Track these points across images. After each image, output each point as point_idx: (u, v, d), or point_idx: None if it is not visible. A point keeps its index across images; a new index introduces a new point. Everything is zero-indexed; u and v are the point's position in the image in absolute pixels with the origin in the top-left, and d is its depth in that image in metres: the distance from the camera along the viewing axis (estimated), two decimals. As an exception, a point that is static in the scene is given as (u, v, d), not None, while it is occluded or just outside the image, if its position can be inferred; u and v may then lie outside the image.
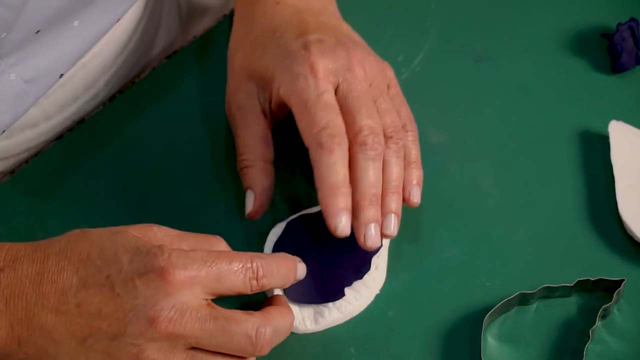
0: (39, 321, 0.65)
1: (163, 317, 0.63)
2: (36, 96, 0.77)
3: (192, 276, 0.64)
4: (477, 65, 0.86)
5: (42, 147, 0.86)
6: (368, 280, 0.75)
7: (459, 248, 0.77)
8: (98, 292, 0.64)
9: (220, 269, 0.65)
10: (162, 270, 0.64)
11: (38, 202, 0.82)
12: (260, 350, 0.66)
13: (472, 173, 0.81)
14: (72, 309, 0.65)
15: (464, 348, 0.73)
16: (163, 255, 0.64)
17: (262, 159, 0.77)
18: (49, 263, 0.66)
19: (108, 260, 0.65)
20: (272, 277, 0.67)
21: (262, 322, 0.66)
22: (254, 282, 0.66)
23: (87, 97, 0.87)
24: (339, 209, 0.72)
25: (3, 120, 0.76)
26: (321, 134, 0.72)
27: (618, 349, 0.72)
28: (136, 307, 0.64)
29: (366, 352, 0.73)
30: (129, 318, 0.64)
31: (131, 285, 0.64)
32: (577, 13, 0.88)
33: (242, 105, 0.79)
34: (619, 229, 0.77)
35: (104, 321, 0.64)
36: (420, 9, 0.90)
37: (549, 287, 0.74)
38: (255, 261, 0.67)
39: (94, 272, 0.65)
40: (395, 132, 0.75)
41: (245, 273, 0.66)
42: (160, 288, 0.64)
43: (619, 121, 0.80)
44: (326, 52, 0.75)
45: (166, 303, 0.64)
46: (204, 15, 1.00)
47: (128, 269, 0.64)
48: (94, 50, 0.86)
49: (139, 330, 0.63)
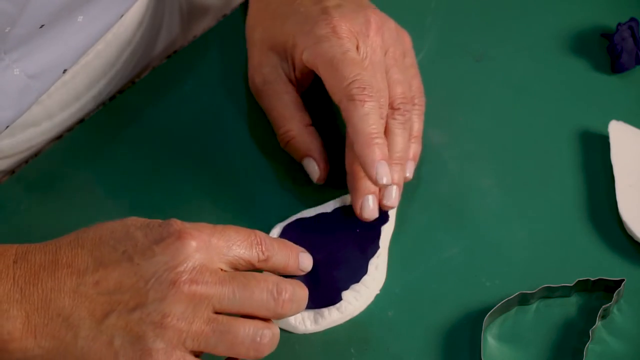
0: (56, 306, 0.65)
1: (185, 277, 0.64)
2: (39, 92, 0.78)
3: (206, 240, 0.65)
4: (477, 65, 0.86)
5: (44, 145, 0.86)
6: (368, 280, 0.75)
7: (459, 248, 0.77)
8: (116, 267, 0.65)
9: (229, 235, 0.66)
10: (179, 232, 0.65)
11: (38, 202, 0.82)
12: (282, 306, 0.66)
13: (472, 173, 0.81)
14: (90, 288, 0.65)
15: (464, 348, 0.73)
16: (176, 223, 0.66)
17: (304, 125, 0.78)
18: (61, 252, 0.66)
19: (121, 238, 0.66)
20: (274, 252, 0.68)
21: (281, 280, 0.67)
22: (259, 251, 0.67)
23: (89, 96, 0.87)
24: (375, 157, 0.72)
25: (6, 116, 0.76)
26: (350, 86, 0.72)
27: (618, 349, 0.73)
28: (157, 272, 0.64)
29: (366, 352, 0.73)
30: (151, 284, 0.64)
31: (149, 253, 0.65)
32: (577, 13, 0.88)
33: (268, 77, 0.79)
34: (619, 229, 0.77)
35: (125, 294, 0.64)
36: (420, 9, 0.90)
37: (549, 287, 0.74)
38: (257, 233, 0.68)
39: (109, 251, 0.66)
40: (403, 103, 0.76)
41: (251, 242, 0.67)
42: (180, 250, 0.65)
43: (619, 121, 0.80)
44: (347, 15, 0.76)
45: (187, 265, 0.64)
46: (205, 15, 1.00)
47: (144, 241, 0.65)
48: (97, 49, 0.86)
49: (162, 294, 0.64)
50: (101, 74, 0.88)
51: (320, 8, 0.77)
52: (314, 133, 0.78)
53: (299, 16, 0.77)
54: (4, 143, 0.84)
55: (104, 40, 0.86)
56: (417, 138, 0.78)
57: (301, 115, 0.78)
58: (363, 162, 0.72)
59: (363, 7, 0.77)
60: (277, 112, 0.78)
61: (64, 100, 0.86)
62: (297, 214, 0.78)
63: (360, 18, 0.76)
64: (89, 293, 0.65)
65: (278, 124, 0.78)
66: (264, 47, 0.79)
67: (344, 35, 0.75)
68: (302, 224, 0.77)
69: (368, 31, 0.76)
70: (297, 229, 0.77)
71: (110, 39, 0.87)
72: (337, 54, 0.74)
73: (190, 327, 0.64)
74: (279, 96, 0.78)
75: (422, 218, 0.79)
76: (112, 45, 0.88)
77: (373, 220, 0.76)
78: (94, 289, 0.65)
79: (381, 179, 0.71)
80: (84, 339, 0.65)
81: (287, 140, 0.78)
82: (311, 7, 0.77)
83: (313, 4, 0.77)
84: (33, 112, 0.84)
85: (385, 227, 0.77)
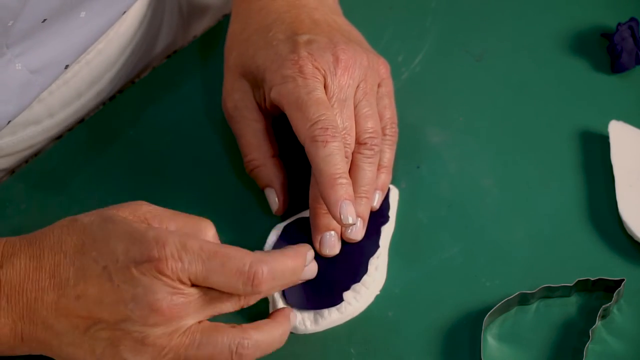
0: (40, 316, 0.66)
1: (165, 304, 0.65)
2: (41, 87, 0.78)
3: (183, 269, 0.65)
4: (477, 65, 0.86)
5: (45, 144, 0.86)
6: (368, 281, 0.75)
7: (459, 248, 0.77)
8: (96, 282, 0.66)
9: (211, 268, 0.66)
10: (158, 261, 0.65)
11: (38, 202, 0.82)
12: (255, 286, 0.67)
13: (472, 173, 0.81)
14: (72, 301, 0.66)
15: (464, 348, 0.73)
16: (157, 246, 0.65)
17: (269, 156, 0.78)
18: (44, 257, 0.67)
19: (102, 251, 0.66)
20: (272, 282, 0.67)
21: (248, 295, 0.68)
22: (247, 288, 0.67)
23: (91, 94, 0.87)
24: (338, 198, 0.72)
25: (8, 111, 0.77)
26: (314, 127, 0.72)
27: (618, 349, 0.73)
28: (137, 297, 0.65)
29: (366, 352, 0.73)
30: (131, 307, 0.65)
31: (129, 275, 0.65)
32: (577, 13, 0.88)
33: (239, 103, 0.79)
34: (619, 229, 0.77)
35: (104, 311, 0.65)
36: (420, 9, 0.90)
37: (549, 287, 0.74)
38: (254, 267, 0.67)
39: (90, 264, 0.66)
40: (371, 137, 0.75)
41: (239, 278, 0.66)
42: (157, 277, 0.65)
43: (619, 121, 0.80)
44: (315, 53, 0.75)
45: (165, 291, 0.65)
46: (205, 14, 1.00)
47: (124, 259, 0.66)
48: (98, 48, 0.86)
49: (142, 318, 0.65)
50: (102, 72, 0.88)
51: (290, 45, 0.76)
52: (277, 165, 0.78)
53: (270, 51, 0.77)
54: (5, 141, 0.84)
55: (105, 39, 0.86)
56: (387, 168, 0.78)
57: (267, 146, 0.78)
58: (327, 203, 0.72)
59: (334, 42, 0.76)
60: (245, 139, 0.79)
61: (65, 98, 0.86)
62: (297, 215, 0.78)
63: (329, 56, 0.75)
64: (70, 307, 0.66)
65: (245, 152, 0.79)
66: (237, 72, 0.79)
67: (309, 76, 0.74)
68: (302, 224, 0.77)
69: (336, 69, 0.75)
70: (297, 229, 0.77)
71: (111, 37, 0.87)
72: (302, 95, 0.74)
73: (169, 342, 0.66)
74: (247, 123, 0.79)
75: (422, 218, 0.79)
76: (113, 44, 0.88)
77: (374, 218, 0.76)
78: (75, 302, 0.66)
79: (346, 219, 0.71)
80: (68, 345, 0.66)
81: (251, 169, 0.79)
82: (283, 42, 0.77)
83: (286, 38, 0.77)
84: (34, 109, 0.84)
85: (385, 227, 0.77)
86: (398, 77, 0.85)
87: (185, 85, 0.87)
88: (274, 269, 0.67)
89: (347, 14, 0.83)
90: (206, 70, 0.87)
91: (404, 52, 0.87)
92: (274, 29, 0.78)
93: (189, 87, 0.87)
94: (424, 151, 0.81)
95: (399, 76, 0.85)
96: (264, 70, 0.77)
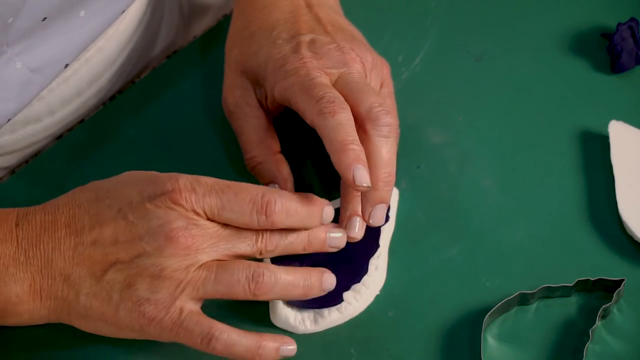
0: (57, 267, 0.67)
1: (181, 233, 0.66)
2: (41, 86, 0.78)
3: (197, 200, 0.67)
4: (477, 65, 0.86)
5: (45, 142, 0.86)
6: (368, 281, 0.75)
7: (459, 248, 0.77)
8: (112, 224, 0.67)
9: (225, 198, 0.67)
10: (172, 191, 0.66)
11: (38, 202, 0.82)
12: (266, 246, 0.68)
13: (472, 173, 0.81)
14: (88, 247, 0.67)
15: (464, 348, 0.73)
16: (171, 180, 0.67)
17: (271, 153, 0.78)
18: (60, 211, 0.69)
19: (117, 196, 0.68)
20: (285, 217, 0.68)
21: None
22: (261, 218, 0.67)
23: (91, 93, 0.88)
24: (350, 161, 0.69)
25: (8, 109, 0.77)
26: (319, 102, 0.71)
27: (618, 349, 0.72)
28: (151, 228, 0.66)
29: (366, 352, 0.73)
30: (146, 240, 0.66)
31: (143, 210, 0.67)
32: (577, 13, 0.88)
33: (239, 100, 0.79)
34: (619, 229, 0.77)
35: (121, 250, 0.66)
36: (420, 9, 0.90)
37: (549, 287, 0.74)
38: (267, 196, 0.68)
39: (105, 209, 0.68)
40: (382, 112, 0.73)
41: (253, 207, 0.67)
42: (172, 208, 0.66)
43: (619, 121, 0.80)
44: (319, 52, 0.75)
45: (181, 221, 0.66)
46: (205, 14, 1.00)
47: (139, 198, 0.67)
48: (98, 45, 0.86)
49: (158, 248, 0.66)
50: (102, 71, 0.88)
51: (293, 45, 0.76)
52: (280, 161, 0.77)
53: (274, 50, 0.76)
54: (5, 139, 0.84)
55: (105, 37, 0.86)
56: None
57: (269, 142, 0.78)
58: (339, 169, 0.69)
59: (337, 42, 0.76)
60: (246, 136, 0.78)
61: (65, 96, 0.86)
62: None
63: (334, 53, 0.75)
64: (87, 252, 0.67)
65: (245, 148, 0.78)
66: (238, 69, 0.79)
67: (313, 69, 0.74)
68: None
69: (346, 61, 0.75)
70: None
71: (111, 35, 0.87)
72: (305, 82, 0.73)
73: (186, 276, 0.66)
74: (248, 120, 0.78)
75: (422, 218, 0.79)
76: (113, 42, 0.88)
77: None
78: (92, 248, 0.67)
79: (360, 182, 0.69)
80: (85, 296, 0.67)
81: (253, 166, 0.78)
82: (286, 41, 0.76)
83: (289, 37, 0.77)
84: (34, 107, 0.84)
85: (385, 227, 0.77)
86: (398, 77, 0.85)
87: (185, 85, 0.87)
88: (288, 203, 0.68)
89: (347, 14, 0.83)
90: (206, 70, 0.87)
91: (404, 52, 0.87)
92: (278, 28, 0.78)
93: (189, 87, 0.87)
94: (424, 151, 0.81)
95: (399, 76, 0.85)
96: (265, 69, 0.76)
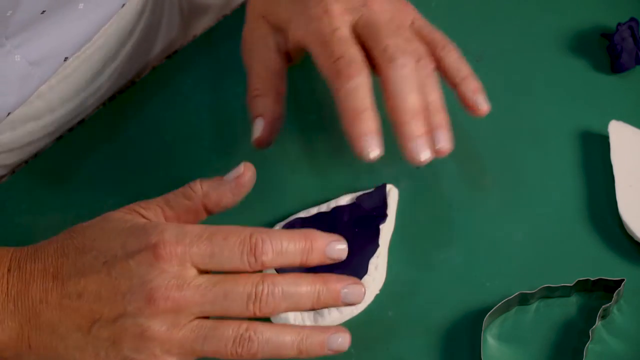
0: (45, 318, 0.66)
1: (160, 293, 0.63)
2: (41, 79, 0.78)
3: (184, 252, 0.64)
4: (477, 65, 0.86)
5: (46, 140, 0.86)
6: (368, 280, 0.75)
7: (459, 248, 0.77)
8: (96, 278, 0.65)
9: (214, 244, 0.64)
10: (154, 246, 0.64)
11: (38, 202, 0.82)
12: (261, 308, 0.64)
13: (472, 173, 0.81)
14: (75, 300, 0.65)
15: (464, 348, 0.73)
16: (156, 231, 0.64)
17: (274, 90, 0.76)
18: (49, 261, 0.66)
19: (102, 248, 0.65)
20: (277, 255, 0.65)
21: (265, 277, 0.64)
22: (251, 259, 0.64)
23: (91, 90, 0.88)
24: (362, 132, 0.69)
25: (8, 102, 0.77)
26: (338, 62, 0.71)
27: (618, 349, 0.73)
28: (132, 287, 0.63)
29: (366, 352, 0.73)
30: (127, 299, 0.63)
31: (125, 267, 0.64)
32: (577, 13, 0.88)
33: (257, 41, 0.78)
34: (619, 229, 0.77)
35: (104, 306, 0.64)
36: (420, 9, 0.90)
37: (549, 287, 0.74)
38: (255, 236, 0.65)
39: (91, 261, 0.65)
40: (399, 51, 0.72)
41: (243, 249, 0.64)
42: (154, 265, 0.63)
43: (618, 121, 0.80)
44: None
45: (162, 279, 0.63)
46: (205, 14, 1.00)
47: (122, 252, 0.65)
48: (98, 43, 0.86)
49: (139, 309, 0.63)
50: (102, 68, 0.88)
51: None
52: (279, 101, 0.76)
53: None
54: (5, 137, 0.84)
55: (105, 34, 0.87)
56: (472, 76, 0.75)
57: (276, 82, 0.76)
58: (350, 138, 0.69)
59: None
60: (255, 71, 0.77)
61: (64, 94, 0.86)
62: (296, 214, 0.78)
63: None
64: (72, 306, 0.65)
65: (251, 81, 0.77)
66: (260, 15, 0.78)
67: (335, 14, 0.73)
68: (300, 224, 0.77)
69: (366, 1, 0.74)
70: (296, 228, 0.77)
71: (111, 32, 0.87)
72: (326, 33, 0.72)
73: (170, 336, 0.63)
74: (262, 60, 0.77)
75: (422, 218, 0.79)
76: (113, 39, 0.88)
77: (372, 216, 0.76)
78: (78, 301, 0.65)
79: (367, 153, 0.69)
80: (73, 349, 0.65)
81: (253, 96, 0.76)
82: None
83: None
84: (34, 105, 0.84)
85: (384, 226, 0.77)
86: (398, 77, 0.85)
87: (185, 85, 0.87)
88: (278, 242, 0.64)
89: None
90: (206, 70, 0.87)
91: (404, 52, 0.87)
92: None
93: (189, 87, 0.87)
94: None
95: (399, 76, 0.85)
96: (289, 14, 0.76)
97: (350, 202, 0.78)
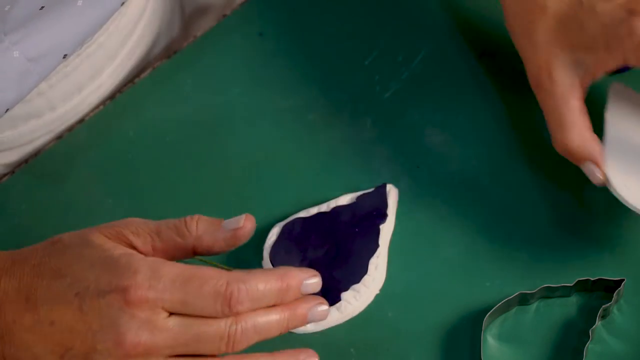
0: (19, 338, 0.65)
1: (130, 339, 0.62)
2: (40, 76, 0.78)
3: (156, 298, 0.63)
4: (477, 65, 0.86)
5: (46, 139, 0.86)
6: (367, 280, 0.75)
7: (459, 248, 0.77)
8: (69, 309, 0.64)
9: (188, 292, 0.63)
10: (125, 290, 0.62)
11: (38, 202, 0.82)
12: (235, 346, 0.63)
13: (472, 173, 0.81)
14: (47, 327, 0.64)
15: (464, 348, 0.73)
16: (129, 271, 0.63)
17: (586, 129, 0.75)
18: (24, 280, 0.65)
19: (77, 276, 0.64)
20: (253, 302, 0.64)
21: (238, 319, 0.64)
22: (226, 309, 0.63)
23: (91, 89, 0.88)
24: None
25: (7, 98, 0.77)
26: None
27: (618, 349, 0.73)
28: (102, 326, 0.63)
29: (366, 352, 0.73)
30: (98, 338, 0.63)
31: (96, 304, 0.63)
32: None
33: (558, 79, 0.76)
34: (619, 228, 0.77)
35: (76, 338, 0.63)
36: (420, 9, 0.90)
37: (549, 287, 0.74)
38: (231, 285, 0.63)
39: (65, 289, 0.64)
40: None
41: (217, 299, 0.63)
42: (124, 309, 0.62)
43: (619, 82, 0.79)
44: None
45: (132, 324, 0.62)
46: (205, 14, 1.00)
47: (94, 287, 0.63)
48: (99, 41, 0.86)
49: (108, 350, 0.62)
50: (102, 66, 0.88)
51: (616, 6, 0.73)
52: (594, 138, 0.75)
53: (603, 18, 0.74)
54: (6, 135, 0.84)
55: (106, 32, 0.87)
56: None
57: (583, 121, 0.76)
58: None
59: None
60: (560, 114, 0.76)
61: (65, 92, 0.86)
62: (296, 214, 0.78)
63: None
64: (45, 331, 0.64)
65: (556, 129, 0.76)
66: (555, 45, 0.76)
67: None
68: (301, 224, 0.77)
69: None
70: (296, 229, 0.77)
71: (112, 30, 0.87)
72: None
73: None
74: (566, 99, 0.76)
75: (422, 218, 0.79)
76: (113, 37, 0.88)
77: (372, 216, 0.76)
78: (50, 328, 0.64)
79: None
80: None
81: (564, 148, 0.76)
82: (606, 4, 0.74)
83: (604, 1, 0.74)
84: (35, 103, 0.84)
85: (384, 226, 0.77)
86: (398, 77, 0.85)
87: (185, 85, 0.87)
88: (254, 287, 0.63)
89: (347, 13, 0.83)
90: (207, 70, 0.87)
91: (403, 52, 0.87)
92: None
93: (189, 87, 0.87)
94: (424, 151, 0.81)
95: (399, 76, 0.85)
96: (600, 39, 0.74)
97: (350, 202, 0.78)
